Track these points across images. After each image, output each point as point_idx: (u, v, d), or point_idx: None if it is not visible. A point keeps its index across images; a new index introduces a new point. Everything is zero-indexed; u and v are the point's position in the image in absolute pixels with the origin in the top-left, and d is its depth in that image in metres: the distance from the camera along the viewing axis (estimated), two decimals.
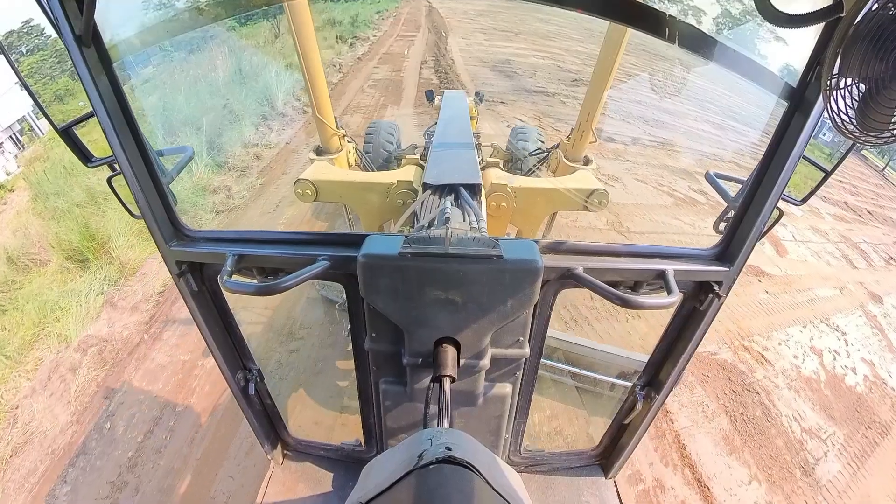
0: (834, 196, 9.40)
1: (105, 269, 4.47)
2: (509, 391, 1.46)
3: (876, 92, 0.65)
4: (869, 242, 7.32)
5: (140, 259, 4.64)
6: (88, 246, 4.72)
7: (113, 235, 4.75)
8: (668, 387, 1.50)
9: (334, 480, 1.86)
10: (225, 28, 10.55)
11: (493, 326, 1.22)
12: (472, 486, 0.69)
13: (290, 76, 9.59)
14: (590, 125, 3.00)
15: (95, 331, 3.87)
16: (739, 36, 6.36)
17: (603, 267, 1.23)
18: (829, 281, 5.60)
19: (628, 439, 1.72)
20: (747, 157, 9.39)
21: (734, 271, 1.23)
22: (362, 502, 0.73)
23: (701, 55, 1.02)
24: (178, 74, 9.24)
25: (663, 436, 3.14)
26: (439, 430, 0.92)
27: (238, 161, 6.69)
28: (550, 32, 20.03)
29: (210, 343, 1.44)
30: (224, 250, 1.20)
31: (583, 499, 1.81)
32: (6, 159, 13.19)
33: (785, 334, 4.39)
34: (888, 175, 16.90)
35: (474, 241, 1.18)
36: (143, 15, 1.45)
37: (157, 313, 3.97)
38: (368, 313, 1.28)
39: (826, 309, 5.00)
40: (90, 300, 4.12)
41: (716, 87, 14.56)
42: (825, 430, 3.50)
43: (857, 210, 9.11)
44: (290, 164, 6.69)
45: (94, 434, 2.99)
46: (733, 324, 4.27)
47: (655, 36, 0.96)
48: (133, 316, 3.99)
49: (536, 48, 16.39)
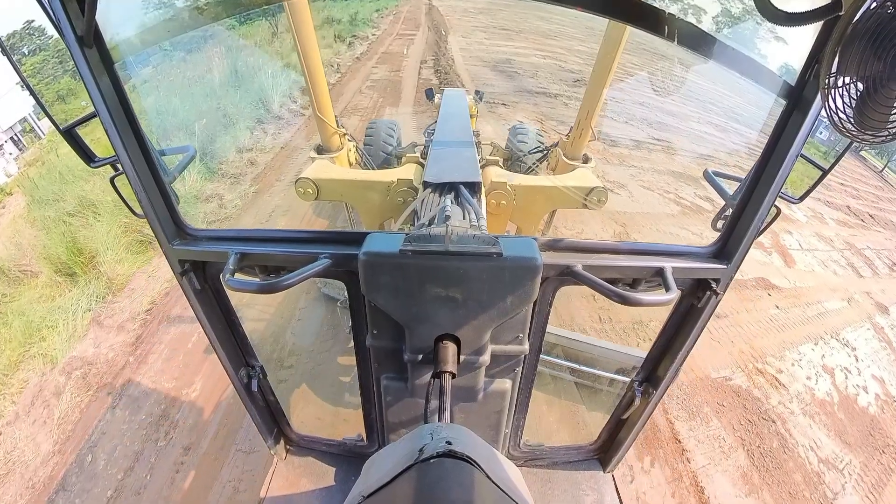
0: (836, 200, 9.30)
1: (93, 285, 4.33)
2: (509, 387, 1.47)
3: (874, 90, 0.65)
4: (873, 248, 7.25)
5: (128, 274, 4.50)
6: (76, 261, 4.57)
7: (101, 249, 4.57)
8: (665, 382, 1.50)
9: (336, 475, 1.87)
10: (222, 28, 10.35)
11: (493, 323, 1.23)
12: (472, 479, 0.70)
13: (287, 77, 9.34)
14: (589, 123, 2.99)
15: (81, 351, 3.74)
16: (738, 34, 6.32)
17: (602, 264, 1.23)
18: (836, 292, 5.50)
19: (626, 434, 1.73)
20: (751, 159, 9.30)
21: (732, 269, 1.23)
22: (364, 496, 0.73)
23: (700, 53, 1.02)
24: (173, 77, 9.09)
25: (680, 478, 2.98)
26: (440, 425, 0.92)
27: (231, 167, 6.48)
28: (552, 31, 19.73)
29: (213, 340, 1.44)
30: (226, 249, 1.20)
31: (581, 492, 1.82)
32: (6, 161, 13.12)
33: (797, 353, 4.28)
34: (887, 176, 16.88)
35: (474, 238, 1.18)
36: (144, 15, 1.45)
37: (143, 333, 3.81)
38: (370, 310, 1.29)
39: (835, 323, 4.90)
40: (77, 317, 4.01)
41: (718, 87, 14.40)
42: (841, 458, 3.41)
43: (860, 214, 8.97)
44: (284, 171, 6.53)
45: (75, 468, 2.88)
46: (746, 344, 4.13)
47: (655, 34, 0.96)
48: (119, 336, 3.83)
49: (538, 47, 16.09)
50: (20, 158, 13.52)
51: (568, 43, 17.53)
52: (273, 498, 1.79)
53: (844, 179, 12.03)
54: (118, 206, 4.95)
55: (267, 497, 1.79)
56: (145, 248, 4.84)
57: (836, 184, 10.93)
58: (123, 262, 4.58)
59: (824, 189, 9.85)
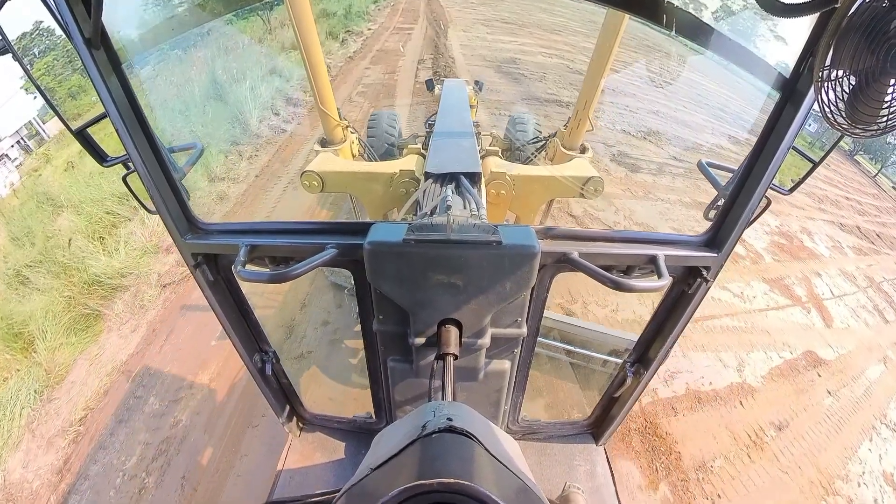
0: (848, 221, 9.06)
1: (34, 372, 3.68)
2: (508, 367, 1.49)
3: (866, 85, 0.63)
4: (888, 279, 7.04)
5: (67, 363, 3.79)
6: (13, 346, 3.91)
7: (37, 333, 3.90)
8: (656, 363, 1.53)
9: (347, 449, 1.93)
10: (207, 30, 8.99)
11: (493, 308, 1.24)
12: (471, 452, 0.73)
13: (269, 85, 8.16)
14: (587, 114, 2.94)
15: (10, 469, 3.11)
16: (736, 26, 6.10)
17: (597, 252, 1.23)
18: (872, 352, 5.12)
19: (618, 410, 1.77)
20: None
21: (722, 257, 1.23)
22: (373, 468, 0.76)
23: (698, 43, 1.00)
24: (144, 95, 8.28)
25: None
26: (442, 403, 0.95)
27: (198, 203, 5.43)
28: (556, 25, 18.48)
29: (227, 329, 1.46)
30: (237, 241, 1.21)
31: (575, 463, 1.88)
32: (8, 170, 12.74)
33: (858, 463, 3.68)
34: (880, 182, 16.62)
35: (475, 227, 1.19)
36: (147, 15, 1.41)
37: (71, 456, 3.08)
38: (375, 297, 1.30)
39: (881, 401, 4.45)
40: (14, 416, 3.37)
41: (736, 96, 13.42)
42: None
43: (869, 235, 8.76)
44: (259, 204, 5.57)
45: None
46: (812, 467, 3.46)
47: (653, 23, 0.94)
48: (48, 455, 3.14)
49: (543, 44, 14.84)
50: (23, 166, 13.17)
51: (573, 39, 16.17)
52: (289, 470, 1.85)
53: (848, 192, 11.69)
54: (66, 271, 4.53)
55: (283, 469, 1.85)
56: (91, 322, 4.16)
57: (842, 199, 10.63)
58: (63, 347, 3.87)
59: (835, 207, 9.64)
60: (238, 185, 6.06)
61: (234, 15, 10.66)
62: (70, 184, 6.74)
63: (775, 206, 6.79)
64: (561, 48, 14.59)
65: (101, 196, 5.78)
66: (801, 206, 8.43)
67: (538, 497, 0.74)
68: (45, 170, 10.57)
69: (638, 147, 8.13)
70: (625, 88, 10.73)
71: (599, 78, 2.73)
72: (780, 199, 1.19)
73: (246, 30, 12.19)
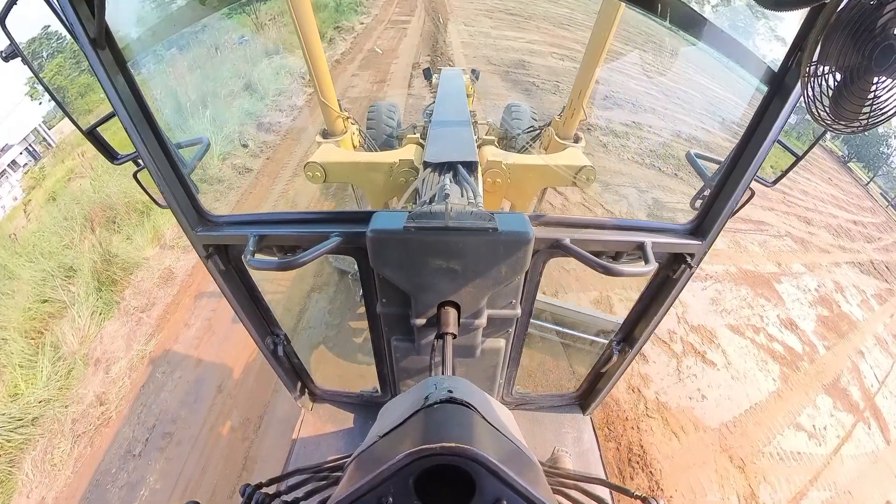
0: (863, 257, 8.10)
1: None
2: (503, 345, 1.52)
3: (850, 82, 0.62)
4: None
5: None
6: None
7: None
8: (640, 343, 1.56)
9: (355, 420, 2.00)
10: (192, 36, 7.78)
11: (489, 290, 1.26)
12: (470, 420, 0.75)
13: (251, 98, 6.53)
14: (581, 104, 2.88)
15: None
16: (728, 20, 5.86)
17: (588, 238, 1.24)
18: None
19: (604, 384, 1.82)
20: None
21: (706, 245, 1.24)
22: (380, 435, 0.79)
23: (691, 34, 0.98)
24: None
25: None
26: (443, 377, 0.97)
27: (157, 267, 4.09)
28: (562, 18, 16.78)
29: (240, 314, 1.48)
30: (245, 232, 1.21)
31: (563, 430, 1.95)
32: (11, 185, 12.23)
33: None
34: (871, 191, 16.39)
35: (472, 215, 1.19)
36: (149, 12, 1.36)
37: None
38: (378, 282, 1.31)
39: None
40: None
41: (729, 91, 12.53)
42: None
43: (882, 272, 7.85)
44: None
45: None
46: None
47: (648, 12, 0.92)
48: None
49: (551, 41, 13.11)
50: (26, 176, 12.64)
51: (583, 35, 13.83)
52: (303, 439, 1.92)
53: (853, 212, 11.02)
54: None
55: (298, 439, 1.92)
56: None
57: (851, 225, 9.77)
58: None
59: (849, 239, 8.72)
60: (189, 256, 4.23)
61: (222, 14, 9.20)
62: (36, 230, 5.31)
63: (808, 257, 6.61)
64: (571, 47, 12.79)
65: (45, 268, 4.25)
66: (825, 250, 7.55)
67: (530, 459, 0.77)
68: (36, 193, 9.64)
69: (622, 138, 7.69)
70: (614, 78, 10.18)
71: (594, 67, 2.66)
72: (811, 246, 1.13)
73: (233, 29, 10.73)
